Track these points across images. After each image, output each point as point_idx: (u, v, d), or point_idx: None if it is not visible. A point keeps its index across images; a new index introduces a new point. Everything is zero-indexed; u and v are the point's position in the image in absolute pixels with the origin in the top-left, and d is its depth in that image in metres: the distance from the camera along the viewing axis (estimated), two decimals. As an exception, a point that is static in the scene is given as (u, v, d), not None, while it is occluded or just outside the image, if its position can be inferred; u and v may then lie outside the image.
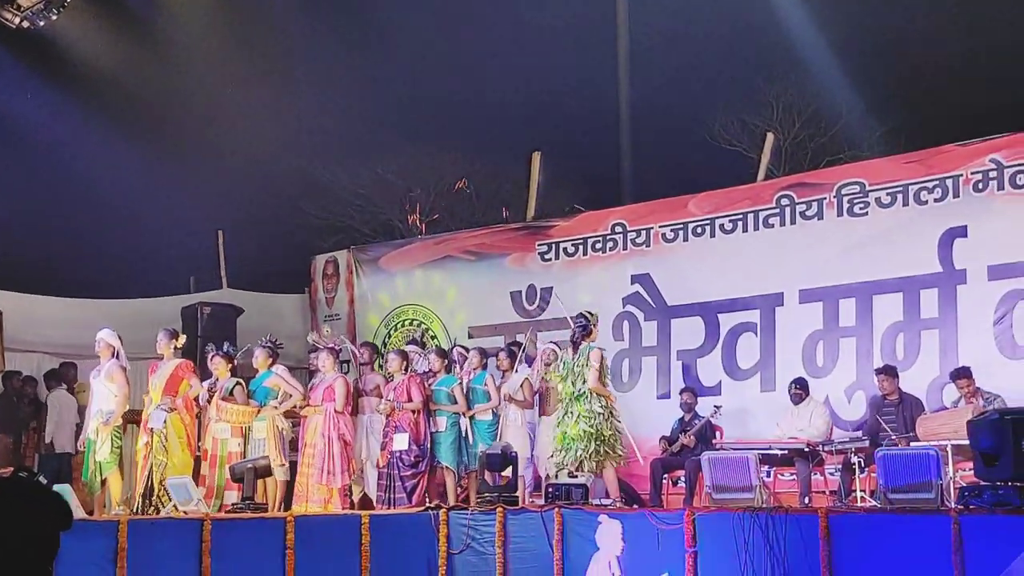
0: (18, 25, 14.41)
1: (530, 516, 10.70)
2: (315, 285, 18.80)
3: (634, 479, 13.50)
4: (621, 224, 15.42)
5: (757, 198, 14.42)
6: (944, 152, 13.13)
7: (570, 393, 11.84)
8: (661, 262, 15.01)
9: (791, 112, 22.83)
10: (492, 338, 15.98)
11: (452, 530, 11.11)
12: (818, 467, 12.04)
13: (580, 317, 12.32)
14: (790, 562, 8.89)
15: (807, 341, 13.69)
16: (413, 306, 17.40)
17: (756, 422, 13.55)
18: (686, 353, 14.63)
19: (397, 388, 13.19)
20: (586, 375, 11.73)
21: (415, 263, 17.57)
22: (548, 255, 16.01)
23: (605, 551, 10.10)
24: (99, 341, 12.65)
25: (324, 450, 12.94)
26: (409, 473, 12.93)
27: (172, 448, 12.35)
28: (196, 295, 18.41)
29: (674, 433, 13.30)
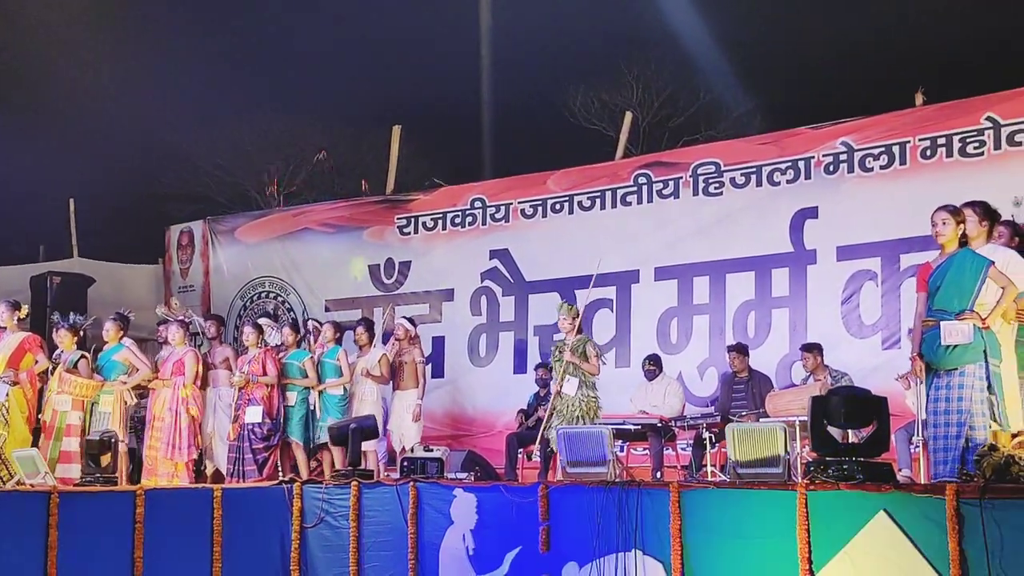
0: None
1: (385, 490, 10.66)
2: (169, 256, 18.49)
3: (491, 453, 13.56)
4: (480, 199, 15.45)
5: (615, 176, 14.56)
6: (797, 134, 13.39)
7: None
8: (519, 238, 15.07)
9: (650, 92, 23.12)
10: (350, 311, 15.90)
11: (306, 504, 11.03)
12: (670, 442, 12.23)
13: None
14: (642, 535, 9.00)
15: (661, 318, 13.88)
16: (270, 278, 17.22)
17: (610, 397, 13.61)
18: (543, 329, 14.72)
19: (252, 361, 13.05)
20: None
21: (272, 235, 17.38)
22: (407, 229, 15.97)
23: (460, 525, 10.12)
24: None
25: (171, 424, 12.81)
26: (261, 446, 12.82)
27: (15, 421, 12.06)
28: (46, 264, 17.98)
29: (530, 408, 13.39)
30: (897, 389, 10.84)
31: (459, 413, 15.14)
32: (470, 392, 15.11)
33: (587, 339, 11.86)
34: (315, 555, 10.92)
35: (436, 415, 14.83)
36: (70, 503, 9.82)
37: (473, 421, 15.01)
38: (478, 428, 14.88)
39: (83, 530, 9.79)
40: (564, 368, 11.57)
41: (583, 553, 9.27)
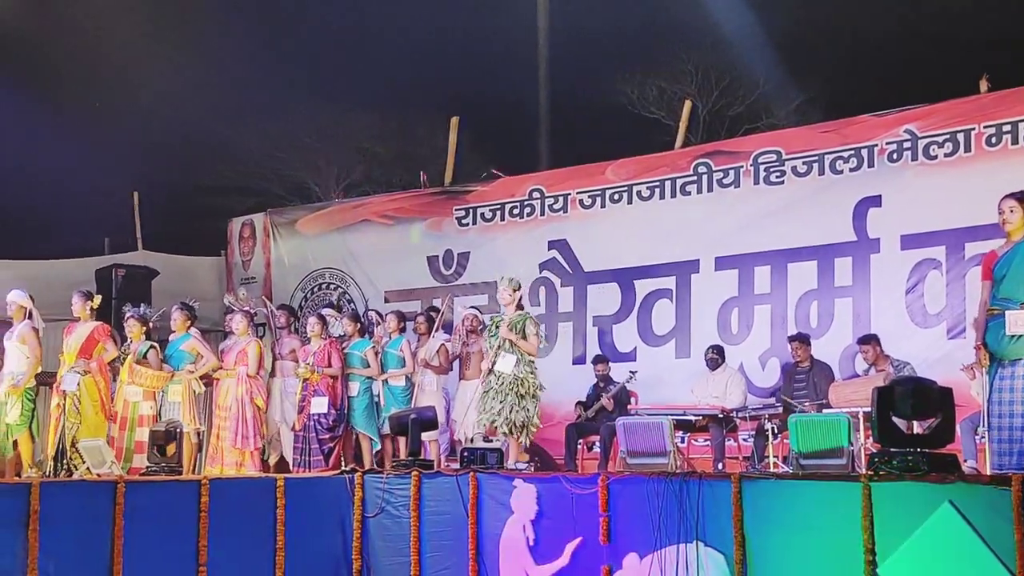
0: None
1: (445, 480, 10.70)
2: (231, 248, 18.64)
3: (550, 444, 13.57)
4: (539, 190, 15.43)
5: (674, 165, 14.49)
6: (859, 122, 13.27)
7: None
8: (578, 228, 15.04)
9: (710, 80, 22.96)
10: (409, 303, 15.96)
11: (367, 494, 11.09)
12: (732, 433, 12.18)
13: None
14: (703, 527, 8.97)
15: (722, 308, 13.82)
16: (330, 269, 17.31)
17: (671, 388, 13.65)
18: (602, 319, 14.71)
19: (318, 353, 13.13)
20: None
21: (332, 226, 17.46)
22: (465, 220, 16.00)
23: (520, 515, 10.13)
24: (10, 304, 12.44)
25: (237, 414, 12.94)
26: (327, 436, 12.92)
27: (85, 411, 12.20)
28: (111, 256, 18.18)
29: (589, 399, 13.38)
30: (962, 379, 10.73)
31: (517, 403, 15.13)
32: (530, 382, 15.09)
33: (528, 316, 11.74)
34: (376, 545, 10.98)
35: (496, 406, 14.84)
36: (136, 492, 9.93)
37: (532, 411, 14.99)
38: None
39: (149, 519, 9.90)
40: (499, 344, 11.50)
41: (644, 544, 9.26)
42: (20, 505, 9.21)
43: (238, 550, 10.45)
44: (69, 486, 10.16)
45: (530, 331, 11.51)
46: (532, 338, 11.52)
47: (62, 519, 9.41)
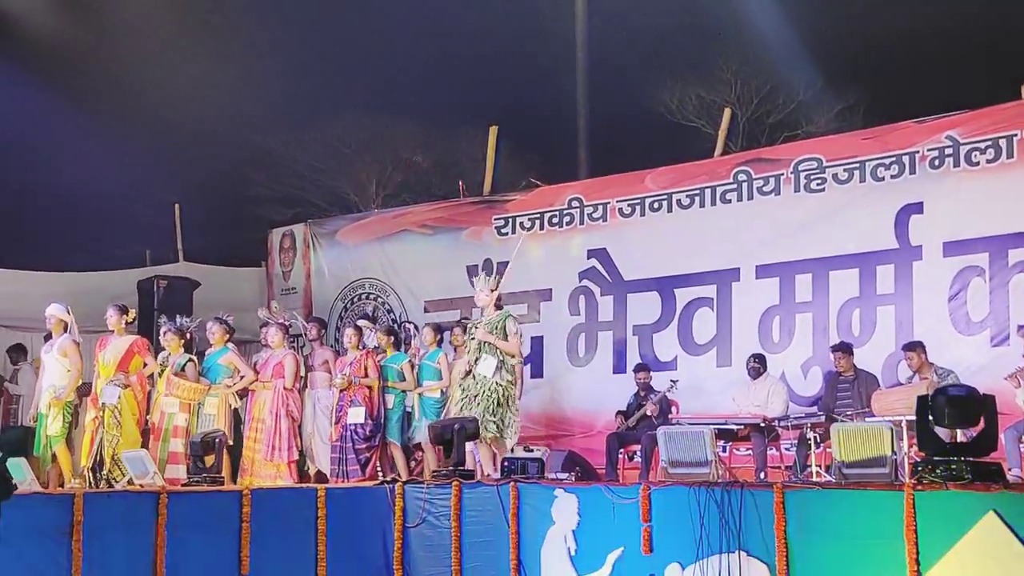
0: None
1: (486, 490, 10.69)
2: (272, 258, 18.70)
3: (590, 454, 13.53)
4: (578, 199, 15.41)
5: (714, 173, 14.44)
6: (900, 129, 13.19)
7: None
8: (618, 237, 15.01)
9: (749, 88, 22.90)
10: (449, 312, 15.96)
11: (408, 504, 11.09)
12: (774, 442, 12.10)
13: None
14: (745, 537, 8.93)
15: (763, 316, 13.75)
16: (369, 280, 17.34)
17: (712, 397, 13.59)
18: (642, 328, 14.65)
19: (354, 363, 13.16)
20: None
21: (372, 236, 17.49)
22: (505, 229, 15.98)
23: (561, 525, 10.11)
24: (49, 317, 12.57)
25: (272, 426, 12.97)
26: (364, 446, 12.93)
27: (125, 423, 12.28)
28: (152, 268, 18.29)
29: (630, 408, 13.33)
30: (1006, 388, 10.64)
31: (558, 413, 15.12)
32: (569, 392, 15.07)
33: (508, 314, 11.66)
34: (417, 554, 10.97)
35: (534, 415, 14.82)
36: (178, 503, 9.97)
37: (572, 421, 14.98)
38: (577, 428, 14.85)
39: (190, 529, 9.93)
40: (479, 347, 11.41)
41: (686, 554, 9.22)
42: (64, 515, 9.28)
43: (280, 560, 10.47)
44: (112, 497, 10.21)
45: (510, 329, 11.44)
46: (513, 338, 11.43)
47: (105, 529, 9.47)
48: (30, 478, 10.97)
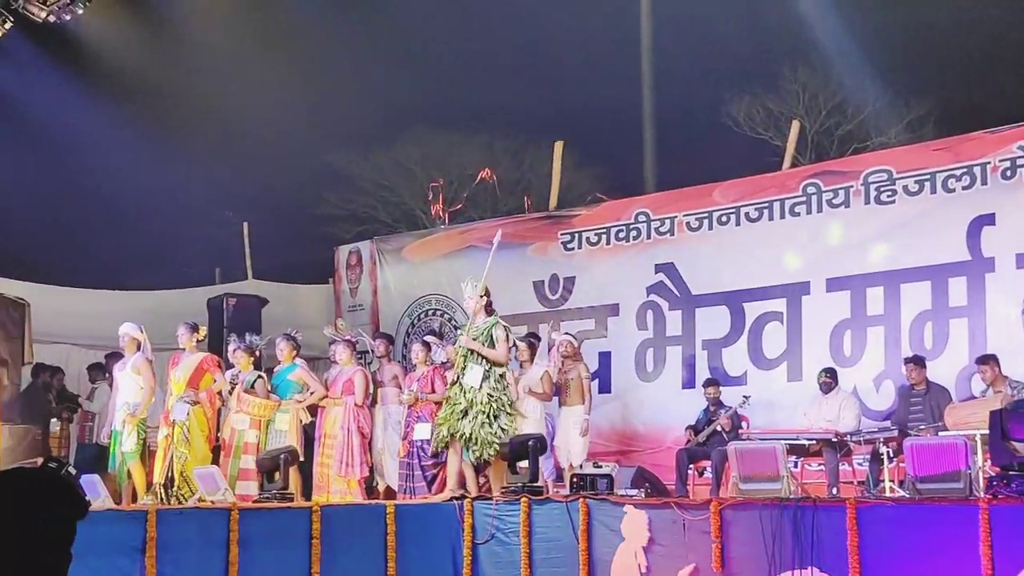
0: (44, 19, 14.43)
1: (555, 506, 10.66)
2: (339, 275, 18.79)
3: (659, 469, 13.46)
4: (645, 213, 15.36)
5: (783, 186, 14.34)
6: (972, 139, 13.03)
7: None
8: (686, 251, 14.93)
9: (817, 100, 22.77)
10: (515, 328, 15.92)
11: (477, 520, 11.08)
12: (846, 457, 11.98)
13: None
14: (818, 553, 8.84)
15: (834, 330, 13.61)
16: (436, 296, 17.37)
17: (782, 412, 13.49)
18: (711, 343, 14.56)
19: (421, 379, 13.18)
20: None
21: (438, 253, 17.53)
22: (571, 244, 15.96)
23: (631, 542, 10.06)
24: (123, 336, 12.72)
25: (344, 442, 13.01)
26: (431, 463, 12.93)
27: (195, 440, 12.39)
28: (222, 286, 18.46)
29: (699, 423, 13.25)
30: (1084, 401, 10.43)
31: (626, 429, 15.06)
32: (637, 407, 15.01)
33: (496, 321, 11.52)
34: (486, 571, 10.96)
35: (603, 431, 14.77)
36: (249, 519, 10.04)
37: (641, 437, 14.91)
38: (646, 444, 14.78)
39: (262, 545, 10.01)
40: (465, 356, 11.28)
41: (758, 571, 9.15)
42: (138, 532, 9.38)
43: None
44: (185, 513, 10.31)
45: (499, 336, 11.32)
46: (501, 345, 11.30)
47: (178, 545, 9.56)
48: (104, 495, 11.10)
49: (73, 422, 15.82)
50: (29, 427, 14.07)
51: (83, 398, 15.88)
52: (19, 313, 14.12)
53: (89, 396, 15.81)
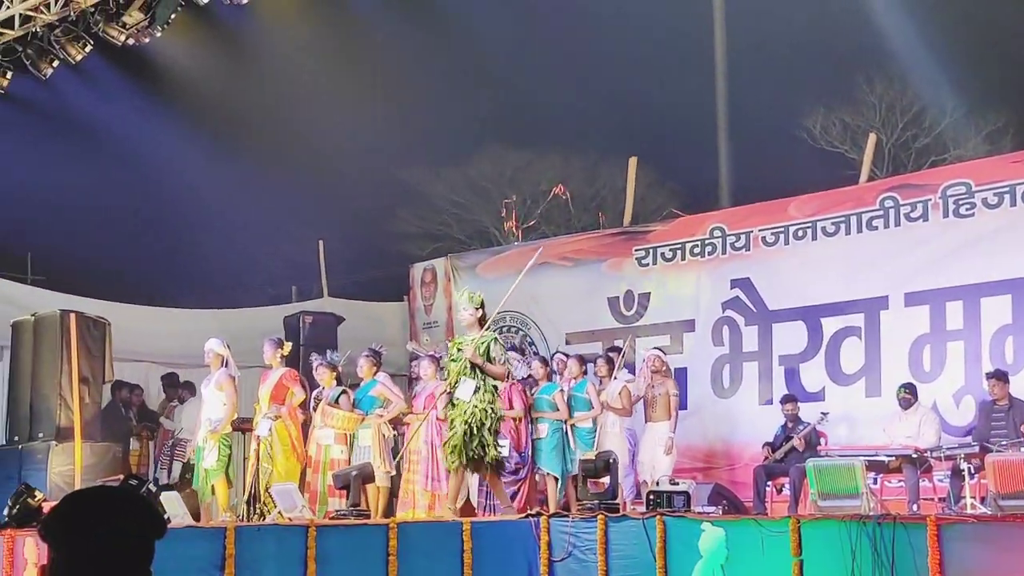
0: (123, 42, 14.67)
1: (632, 523, 10.61)
2: (414, 293, 18.87)
3: (737, 486, 13.37)
4: (720, 228, 15.27)
5: (860, 200, 14.20)
6: (1053, 150, 12.84)
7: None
8: (762, 266, 14.83)
9: (894, 112, 22.55)
10: (590, 344, 15.91)
11: (553, 537, 11.06)
12: (926, 473, 11.82)
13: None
14: (898, 571, 8.72)
15: (913, 345, 13.45)
16: (511, 312, 17.37)
17: (861, 428, 13.36)
18: (788, 358, 14.44)
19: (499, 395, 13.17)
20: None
21: (512, 270, 17.51)
22: (646, 260, 15.90)
23: (709, 559, 9.97)
24: (208, 351, 12.87)
25: (428, 457, 13.02)
26: (510, 479, 12.91)
27: (277, 455, 12.49)
28: (298, 304, 18.61)
29: (777, 440, 13.14)
30: None
31: (703, 445, 14.96)
32: (714, 424, 14.91)
33: (493, 337, 11.39)
34: (563, 588, 10.93)
35: (679, 447, 14.65)
36: (327, 536, 10.09)
37: (718, 454, 14.82)
38: (723, 461, 14.69)
39: (339, 562, 10.05)
40: (460, 369, 11.15)
41: (838, 589, 9.04)
42: (217, 549, 9.46)
43: (428, 593, 10.53)
44: (263, 530, 10.38)
45: (496, 353, 11.24)
46: (498, 362, 11.20)
47: (257, 562, 9.63)
48: (183, 512, 11.21)
49: (153, 440, 16.01)
50: (110, 444, 14.24)
51: (162, 416, 16.07)
52: (100, 332, 14.31)
53: (168, 414, 16.00)
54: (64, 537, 3.02)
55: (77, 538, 3.00)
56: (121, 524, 3.03)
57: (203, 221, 24.52)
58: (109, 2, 14.27)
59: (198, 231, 24.79)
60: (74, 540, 3.00)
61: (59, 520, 3.04)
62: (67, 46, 14.79)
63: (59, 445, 13.45)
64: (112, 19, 14.35)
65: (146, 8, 14.27)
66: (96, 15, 14.42)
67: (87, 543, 2.99)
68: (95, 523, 3.02)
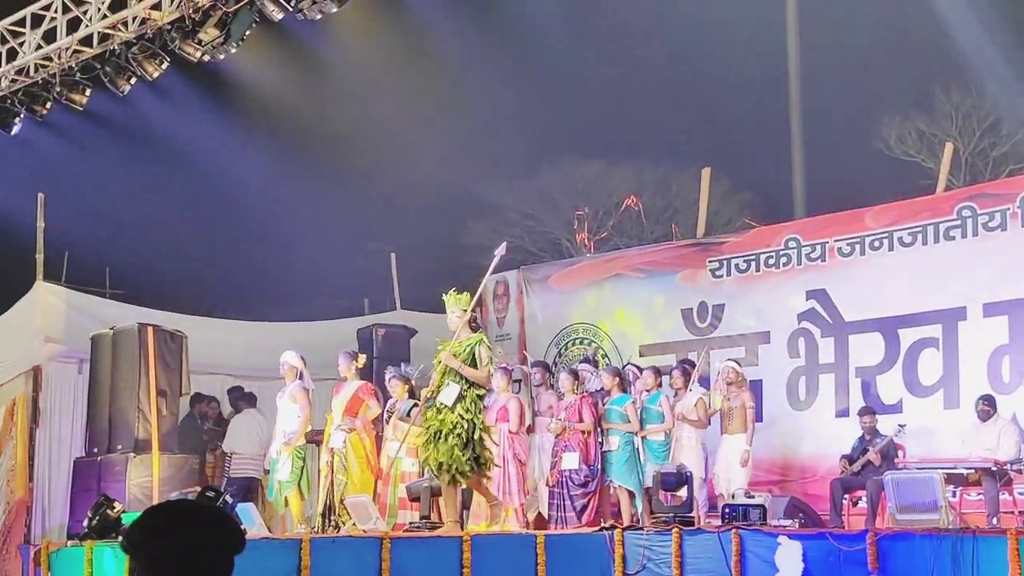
0: (199, 59, 14.85)
1: (707, 537, 10.56)
2: (486, 305, 18.88)
3: (813, 499, 13.24)
4: (795, 239, 15.14)
5: (937, 210, 14.03)
6: None
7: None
8: (837, 277, 14.68)
9: (971, 121, 22.28)
10: (663, 356, 15.83)
11: (628, 550, 11.02)
12: (1006, 487, 11.65)
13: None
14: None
15: (992, 356, 13.26)
16: (583, 324, 17.34)
17: (940, 440, 13.17)
18: (865, 370, 14.28)
19: (569, 408, 13.15)
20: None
21: (585, 281, 17.50)
22: (720, 272, 15.80)
23: (785, 573, 9.90)
24: (283, 364, 12.97)
25: (500, 470, 13.01)
26: (579, 492, 12.88)
27: (351, 468, 12.54)
28: (370, 317, 18.67)
29: (854, 452, 13.01)
30: None
31: (778, 458, 14.82)
32: (790, 437, 14.77)
33: (481, 339, 11.16)
34: (638, 601, 10.88)
35: (755, 460, 14.55)
36: (401, 548, 10.13)
37: (793, 466, 14.67)
38: (799, 474, 14.54)
39: (414, 574, 10.07)
40: (443, 373, 10.94)
41: (917, 604, 8.93)
42: (292, 561, 9.53)
43: (501, 605, 10.53)
44: (338, 542, 10.43)
45: (482, 356, 11.00)
46: (484, 366, 10.95)
47: (331, 575, 9.66)
48: (259, 523, 11.29)
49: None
50: (187, 456, 14.38)
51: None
52: (177, 345, 14.48)
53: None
54: (145, 549, 3.04)
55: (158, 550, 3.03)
56: (202, 537, 3.05)
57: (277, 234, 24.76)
58: (185, 19, 14.42)
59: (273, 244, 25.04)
60: (155, 552, 3.03)
61: (141, 532, 3.07)
62: (144, 63, 14.97)
63: (137, 457, 13.61)
64: (188, 36, 14.50)
65: (221, 25, 14.39)
66: (172, 32, 14.58)
67: (168, 555, 3.01)
68: (176, 535, 3.04)
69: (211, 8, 14.33)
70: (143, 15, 14.74)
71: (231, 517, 3.28)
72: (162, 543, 3.02)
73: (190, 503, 3.28)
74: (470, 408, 11.05)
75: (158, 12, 14.65)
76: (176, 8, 14.50)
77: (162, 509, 3.18)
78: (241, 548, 3.12)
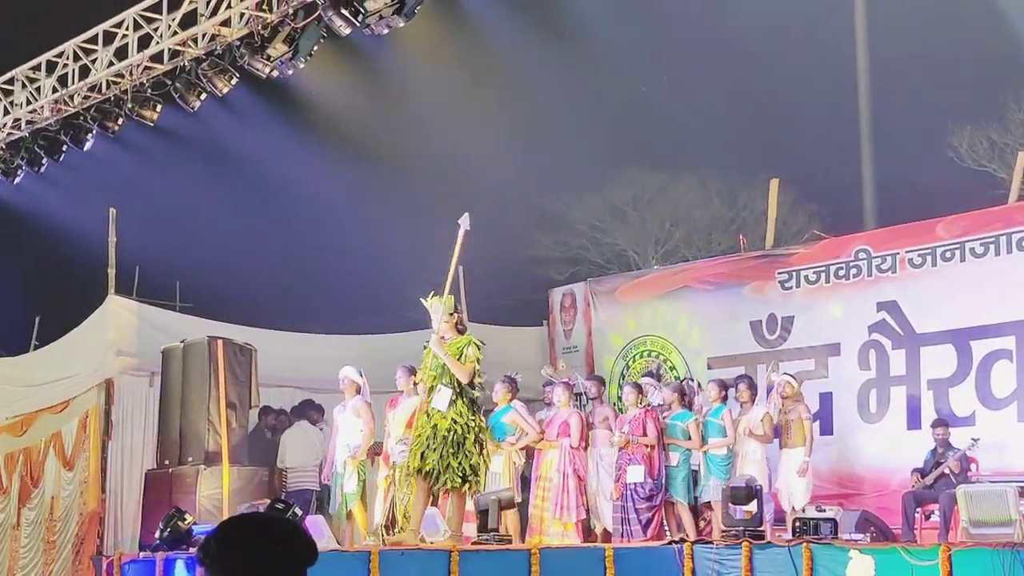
0: (267, 75, 14.99)
1: (777, 551, 10.47)
2: (553, 318, 18.85)
3: (885, 513, 13.10)
4: (865, 250, 15.00)
5: (1009, 220, 13.86)
6: None
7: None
8: (908, 288, 14.53)
9: (1044, 128, 22.01)
10: (732, 369, 15.72)
11: (697, 564, 10.96)
12: (1083, 500, 11.45)
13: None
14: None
15: (1067, 368, 13.07)
16: (651, 337, 17.27)
17: (1013, 454, 12.99)
18: (937, 382, 14.11)
19: (632, 421, 13.10)
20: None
21: (652, 294, 17.44)
22: (789, 283, 15.68)
23: (857, 587, 9.81)
24: (343, 379, 13.06)
25: (560, 485, 13.02)
26: (644, 506, 12.83)
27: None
28: (436, 330, 18.68)
29: (927, 465, 12.85)
30: None
31: (848, 471, 14.69)
32: (860, 450, 14.63)
33: (471, 339, 11.03)
34: (708, 616, 10.81)
35: (822, 473, 14.41)
36: (469, 561, 10.13)
37: (864, 480, 14.53)
38: (870, 487, 14.39)
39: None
40: (436, 375, 10.80)
41: (992, 619, 8.80)
42: (361, 573, 9.57)
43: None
44: (407, 554, 10.45)
45: (469, 354, 10.90)
46: (468, 362, 10.84)
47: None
48: (328, 535, 11.35)
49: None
50: (256, 469, 14.48)
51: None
52: (247, 358, 14.61)
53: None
54: (222, 561, 3.07)
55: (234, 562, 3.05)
56: (278, 549, 3.07)
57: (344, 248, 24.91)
58: (254, 35, 14.58)
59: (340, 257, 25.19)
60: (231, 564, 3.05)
61: (218, 544, 3.09)
62: (214, 79, 15.15)
63: (208, 469, 13.73)
64: (257, 52, 14.65)
65: (289, 40, 14.53)
66: (241, 48, 14.75)
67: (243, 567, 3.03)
68: (253, 548, 3.06)
69: (279, 24, 14.48)
70: (213, 32, 14.93)
71: (304, 530, 3.29)
72: (238, 555, 3.04)
73: (265, 516, 3.31)
74: (463, 413, 11.01)
75: (227, 28, 14.83)
76: (245, 24, 14.66)
77: (238, 522, 3.20)
78: (314, 560, 3.13)
